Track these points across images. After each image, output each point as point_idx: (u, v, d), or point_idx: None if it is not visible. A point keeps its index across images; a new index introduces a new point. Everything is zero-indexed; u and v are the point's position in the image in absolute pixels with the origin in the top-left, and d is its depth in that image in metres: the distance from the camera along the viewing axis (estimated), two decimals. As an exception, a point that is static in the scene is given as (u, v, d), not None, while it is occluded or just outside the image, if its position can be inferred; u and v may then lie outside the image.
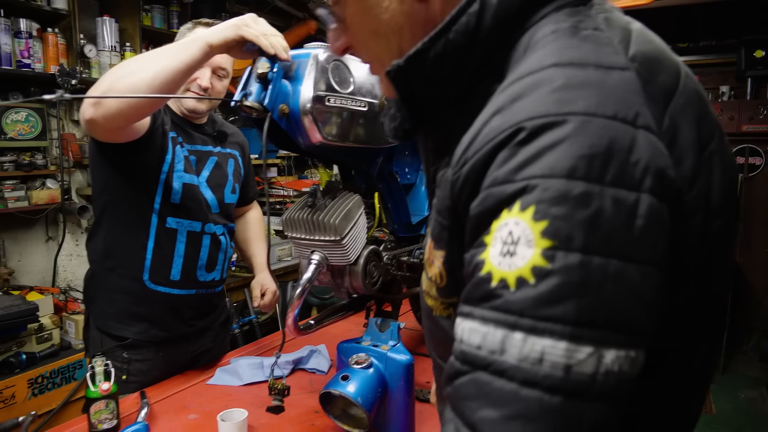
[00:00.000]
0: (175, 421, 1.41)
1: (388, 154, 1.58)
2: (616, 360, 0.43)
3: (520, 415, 0.43)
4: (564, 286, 0.43)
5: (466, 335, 0.48)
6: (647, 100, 0.48)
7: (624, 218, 0.44)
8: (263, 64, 1.12)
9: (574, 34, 0.52)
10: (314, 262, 1.34)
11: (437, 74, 0.59)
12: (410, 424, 1.37)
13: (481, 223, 0.48)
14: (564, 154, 0.44)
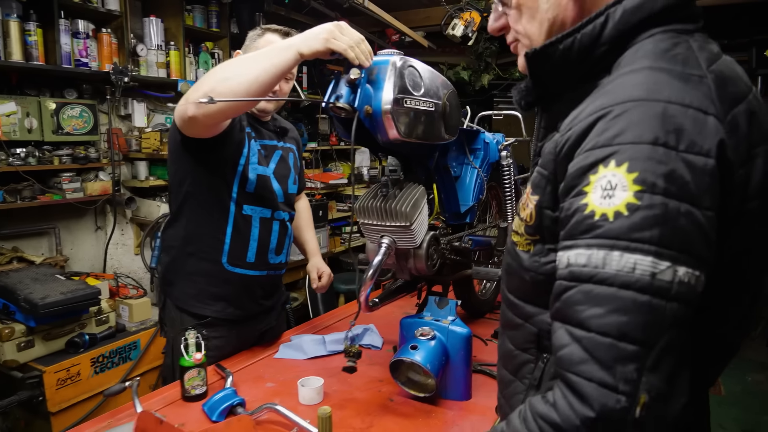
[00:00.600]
0: (256, 389, 1.57)
1: (443, 150, 1.74)
2: (686, 275, 0.61)
3: (619, 309, 0.61)
4: (650, 218, 0.61)
5: (573, 259, 0.66)
6: (717, 99, 0.66)
7: (692, 175, 0.62)
8: (355, 71, 1.28)
9: (669, 51, 0.70)
10: (384, 245, 1.51)
11: (562, 63, 0.78)
12: (468, 389, 1.54)
13: (581, 176, 0.67)
14: (649, 126, 0.63)
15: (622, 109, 0.65)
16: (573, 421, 0.63)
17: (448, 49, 4.55)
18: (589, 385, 0.62)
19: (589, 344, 0.63)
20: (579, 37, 0.75)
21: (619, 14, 0.73)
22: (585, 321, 0.63)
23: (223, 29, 3.57)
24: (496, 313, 2.28)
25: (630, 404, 0.60)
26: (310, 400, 1.48)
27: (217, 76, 1.40)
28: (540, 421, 0.67)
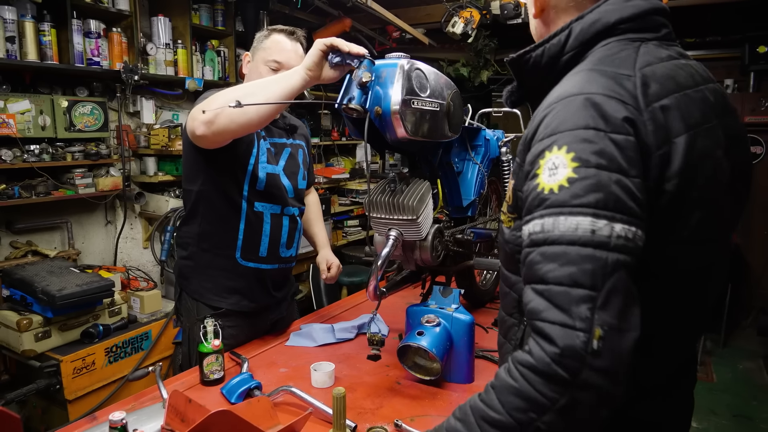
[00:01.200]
0: (270, 374, 1.66)
1: (447, 147, 1.84)
2: (622, 230, 0.74)
3: (569, 262, 0.74)
4: (586, 186, 0.75)
5: (531, 229, 0.80)
6: (640, 94, 0.80)
7: (618, 149, 0.76)
8: (366, 74, 1.37)
9: (612, 56, 0.85)
10: (392, 237, 1.60)
11: (535, 68, 0.94)
12: (471, 372, 1.63)
13: (534, 162, 0.82)
14: (581, 115, 0.78)
15: (562, 104, 0.80)
16: (544, 359, 0.74)
17: (447, 46, 4.63)
18: (552, 327, 0.74)
19: (548, 294, 0.75)
20: (548, 47, 0.91)
21: (579, 28, 0.88)
22: (543, 276, 0.76)
23: (229, 27, 3.65)
24: (496, 302, 2.37)
25: (588, 338, 0.71)
26: (323, 383, 1.57)
27: (230, 95, 1.46)
28: (519, 367, 0.77)
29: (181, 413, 1.17)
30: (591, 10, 0.89)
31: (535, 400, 0.74)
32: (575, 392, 0.72)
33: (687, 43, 4.51)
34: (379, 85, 1.45)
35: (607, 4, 0.89)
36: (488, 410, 0.79)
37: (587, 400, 0.73)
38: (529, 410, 0.75)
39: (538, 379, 0.75)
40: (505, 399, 0.78)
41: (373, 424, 1.34)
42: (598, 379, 0.72)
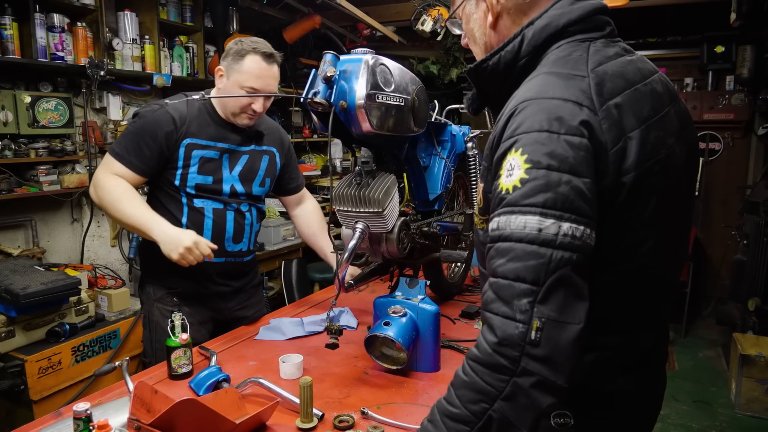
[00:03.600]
0: (239, 367, 1.68)
1: (413, 141, 1.87)
2: (569, 228, 0.78)
3: (515, 258, 0.79)
4: (536, 187, 0.79)
5: (491, 226, 0.85)
6: (594, 94, 0.84)
7: (570, 151, 0.79)
8: (331, 69, 1.39)
9: (565, 57, 0.90)
10: (359, 230, 1.63)
11: (493, 75, 0.98)
12: (437, 361, 1.67)
13: (498, 163, 0.86)
14: (537, 119, 0.82)
15: (522, 107, 0.85)
16: (487, 349, 0.80)
17: (418, 43, 4.67)
18: (495, 318, 0.80)
19: (496, 287, 0.81)
20: (503, 54, 0.95)
21: (530, 34, 0.93)
22: (495, 270, 0.82)
23: (197, 23, 3.62)
24: (464, 294, 2.42)
25: (526, 329, 0.77)
26: (291, 375, 1.59)
27: (110, 196, 1.78)
28: (469, 361, 0.83)
29: (147, 404, 1.18)
30: (540, 15, 0.93)
31: (484, 390, 0.80)
32: (517, 379, 0.77)
33: (649, 43, 4.64)
34: (344, 79, 1.47)
35: (554, 9, 0.93)
36: (449, 407, 0.84)
37: (529, 387, 0.77)
38: (480, 401, 0.80)
39: (484, 370, 0.80)
40: (460, 393, 0.83)
41: (340, 413, 1.36)
42: (538, 366, 0.76)
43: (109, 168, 1.79)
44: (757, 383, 3.18)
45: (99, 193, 1.77)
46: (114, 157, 1.80)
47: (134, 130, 1.80)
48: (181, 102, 1.83)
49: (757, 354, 3.18)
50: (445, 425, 0.84)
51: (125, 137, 1.81)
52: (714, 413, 3.32)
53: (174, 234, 1.69)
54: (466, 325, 2.05)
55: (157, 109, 1.81)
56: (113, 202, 1.75)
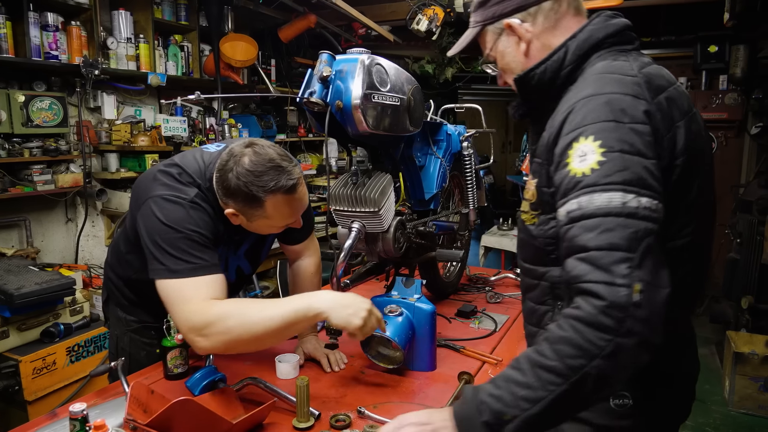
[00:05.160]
0: (235, 366, 1.67)
1: (408, 141, 1.87)
2: (648, 202, 0.87)
3: (606, 230, 0.86)
4: (614, 167, 0.88)
5: (568, 208, 0.91)
6: (645, 90, 0.96)
7: (637, 137, 0.90)
8: (327, 69, 1.39)
9: (612, 63, 1.02)
10: (355, 229, 1.63)
11: (539, 83, 1.08)
12: (433, 360, 1.67)
13: (562, 153, 0.95)
14: (602, 111, 0.92)
15: (582, 103, 0.95)
16: (592, 311, 0.85)
17: (413, 43, 4.67)
18: (597, 286, 0.85)
19: (590, 259, 0.87)
20: (549, 64, 1.06)
21: (574, 45, 1.05)
22: (585, 245, 0.88)
23: (192, 22, 3.60)
24: (460, 294, 2.43)
25: (629, 292, 0.83)
26: (287, 374, 1.59)
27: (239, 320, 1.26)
28: (570, 320, 0.88)
29: (143, 404, 1.17)
30: (581, 30, 1.06)
31: (585, 348, 0.85)
32: (620, 339, 0.83)
33: (642, 42, 4.61)
34: (340, 79, 1.47)
35: (592, 24, 1.06)
36: (542, 359, 0.89)
37: (630, 346, 0.84)
38: (579, 357, 0.85)
39: (586, 329, 0.85)
40: (558, 348, 0.87)
41: (337, 412, 1.37)
42: (640, 327, 0.83)
43: (195, 294, 1.28)
44: (751, 381, 3.20)
45: (220, 328, 1.24)
46: (189, 276, 1.28)
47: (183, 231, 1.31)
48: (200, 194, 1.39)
49: (751, 352, 3.20)
50: (535, 374, 0.88)
51: (181, 242, 1.30)
52: (708, 411, 3.34)
53: (342, 297, 1.31)
54: (461, 324, 2.06)
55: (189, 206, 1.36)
56: (246, 323, 1.25)
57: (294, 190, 1.33)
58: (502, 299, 2.33)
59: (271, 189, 1.30)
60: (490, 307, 2.25)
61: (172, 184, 1.36)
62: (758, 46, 4.24)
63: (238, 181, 1.29)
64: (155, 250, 1.30)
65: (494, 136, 2.59)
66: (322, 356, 1.68)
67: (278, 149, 1.36)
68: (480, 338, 1.90)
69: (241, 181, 1.29)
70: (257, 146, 1.32)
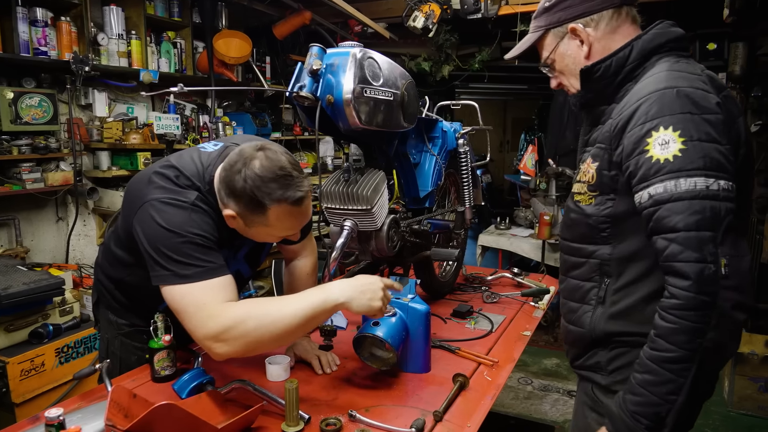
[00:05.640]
0: (224, 368, 1.63)
1: (403, 137, 1.83)
2: (725, 184, 1.00)
3: (694, 212, 0.98)
4: (696, 154, 1.00)
5: (653, 191, 1.02)
6: (711, 86, 1.07)
7: (711, 126, 1.02)
8: (317, 62, 1.35)
9: (675, 63, 1.13)
10: (347, 228, 1.59)
11: (604, 75, 1.19)
12: (427, 362, 1.63)
13: (639, 141, 1.05)
14: (678, 103, 1.03)
15: (657, 95, 1.05)
16: (684, 293, 0.97)
17: (410, 40, 4.63)
18: (688, 265, 0.97)
19: (681, 239, 0.98)
20: (615, 59, 1.17)
21: (639, 45, 1.16)
22: (674, 226, 0.99)
23: (185, 18, 3.56)
24: (456, 293, 2.39)
25: (717, 267, 0.97)
26: (278, 377, 1.55)
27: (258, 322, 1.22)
28: (671, 311, 0.99)
29: (124, 409, 1.13)
30: (645, 33, 1.18)
31: (696, 330, 0.98)
32: (722, 311, 0.98)
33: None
34: (331, 73, 1.44)
35: (656, 29, 1.18)
36: (665, 354, 1.00)
37: (734, 314, 1.01)
38: (695, 338, 0.98)
39: (689, 313, 0.97)
40: (674, 339, 0.99)
41: (327, 416, 1.32)
42: (735, 294, 1.00)
43: (208, 298, 1.23)
44: (750, 381, 3.17)
45: (239, 331, 1.20)
46: (198, 280, 1.24)
47: (186, 235, 1.26)
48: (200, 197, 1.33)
49: (750, 352, 3.16)
50: (666, 370, 1.00)
51: (186, 247, 1.25)
52: (707, 411, 3.31)
53: (356, 284, 1.30)
54: (457, 324, 2.02)
55: (189, 209, 1.30)
56: (265, 323, 1.22)
57: (300, 203, 1.27)
58: (498, 299, 2.29)
59: (278, 198, 1.23)
60: (487, 307, 2.22)
61: (170, 187, 1.30)
62: (757, 43, 4.20)
63: (245, 183, 1.23)
64: (159, 257, 1.24)
65: (491, 134, 2.55)
66: (314, 358, 1.63)
67: (290, 157, 1.30)
68: (476, 339, 1.87)
69: (248, 185, 1.23)
70: (270, 151, 1.26)
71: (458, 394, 1.47)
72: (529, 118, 8.06)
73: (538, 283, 2.46)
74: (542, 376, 3.70)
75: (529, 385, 3.59)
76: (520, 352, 1.80)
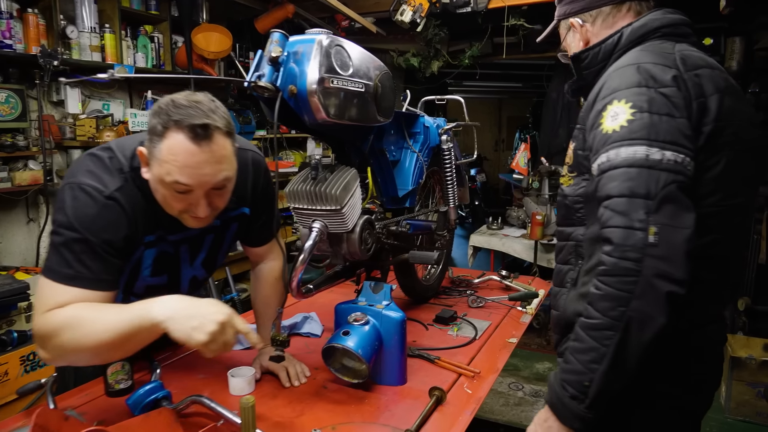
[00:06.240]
0: (186, 381, 1.52)
1: (379, 133, 1.72)
2: (672, 155, 0.96)
3: (628, 179, 0.96)
4: (641, 125, 0.98)
5: (599, 161, 1.02)
6: (680, 64, 1.04)
7: (665, 99, 1.00)
8: (276, 49, 1.24)
9: (655, 44, 1.11)
10: (315, 229, 1.48)
11: (592, 62, 1.21)
12: (402, 373, 1.52)
13: (597, 115, 1.06)
14: (635, 78, 1.03)
15: (618, 72, 1.07)
16: (611, 260, 0.96)
17: (399, 36, 4.52)
18: (616, 230, 0.96)
19: (613, 205, 0.97)
20: (604, 46, 1.19)
21: (628, 31, 1.16)
22: (609, 192, 0.98)
23: (163, 12, 3.43)
24: (440, 298, 2.28)
25: (644, 235, 0.93)
26: (241, 390, 1.44)
27: (71, 334, 1.10)
28: (599, 277, 0.98)
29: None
30: (638, 20, 1.16)
31: (619, 297, 0.95)
32: (645, 278, 0.92)
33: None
34: (295, 62, 1.32)
35: (649, 15, 1.17)
36: (590, 320, 0.99)
37: (656, 283, 0.92)
38: (618, 306, 0.95)
39: (613, 279, 0.95)
40: (598, 306, 0.98)
41: (288, 436, 1.21)
42: (660, 263, 0.92)
43: (55, 303, 1.13)
44: (748, 386, 3.06)
45: (55, 342, 1.10)
46: (63, 282, 1.14)
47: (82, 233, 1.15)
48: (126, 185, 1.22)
49: (748, 356, 3.06)
50: (590, 337, 0.98)
51: (76, 245, 1.15)
52: (703, 418, 3.20)
53: (188, 305, 1.10)
54: (439, 331, 1.91)
55: (103, 203, 1.18)
56: (78, 336, 1.09)
57: (200, 136, 1.09)
58: (484, 303, 2.18)
59: (175, 121, 1.09)
60: (472, 312, 2.11)
61: (97, 171, 1.20)
62: (755, 38, 4.10)
63: (157, 109, 1.13)
64: (51, 244, 1.19)
65: (486, 133, 2.44)
66: (281, 369, 1.52)
67: (218, 103, 1.18)
68: (458, 347, 1.76)
69: (154, 111, 1.13)
70: (196, 93, 1.17)
71: (434, 410, 1.36)
72: (523, 117, 7.96)
73: (527, 286, 2.35)
74: (534, 381, 3.59)
75: (519, 391, 3.47)
76: (505, 362, 1.69)
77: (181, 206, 1.20)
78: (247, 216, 1.49)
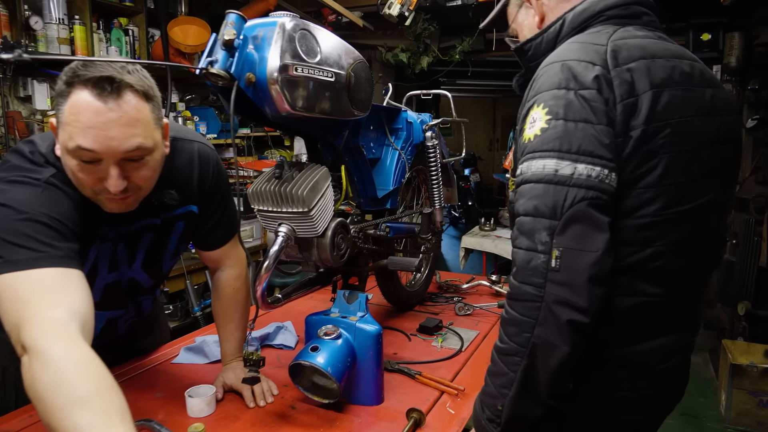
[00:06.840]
0: (142, 400, 1.38)
1: (354, 128, 1.57)
2: (585, 169, 0.87)
3: (535, 196, 0.89)
4: (554, 134, 0.89)
5: (518, 173, 0.94)
6: (609, 58, 0.92)
7: (585, 103, 0.89)
8: (230, 31, 1.09)
9: (592, 33, 1.00)
10: (281, 234, 1.33)
11: (534, 54, 1.10)
12: (379, 392, 1.39)
13: (523, 120, 0.97)
14: (556, 78, 0.92)
15: (544, 71, 0.96)
16: (514, 282, 0.91)
17: (388, 31, 4.38)
18: (520, 252, 0.90)
19: (519, 224, 0.92)
20: (546, 36, 1.08)
21: (570, 17, 1.04)
22: (518, 209, 0.92)
23: (138, 4, 3.27)
24: (426, 305, 2.15)
25: (547, 258, 0.86)
26: (199, 412, 1.30)
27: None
28: (506, 301, 0.94)
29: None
30: (581, 2, 1.04)
31: (522, 322, 0.90)
32: (546, 305, 0.87)
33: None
34: (255, 47, 1.18)
35: None
36: (500, 344, 0.95)
37: (557, 310, 0.86)
38: (522, 332, 0.90)
39: (517, 303, 0.91)
40: (505, 330, 0.93)
41: (245, 467, 1.07)
42: (561, 290, 0.86)
43: (37, 294, 0.91)
44: (749, 395, 2.94)
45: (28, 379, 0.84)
46: (30, 267, 0.93)
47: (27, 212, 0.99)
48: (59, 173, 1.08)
49: (749, 364, 2.94)
50: (501, 361, 0.94)
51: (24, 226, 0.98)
52: (703, 427, 3.08)
53: None
54: (422, 342, 1.78)
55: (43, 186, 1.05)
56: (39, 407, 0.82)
57: (106, 92, 0.96)
58: (472, 311, 2.05)
59: (79, 77, 0.97)
60: (459, 320, 1.97)
61: (21, 164, 1.06)
62: (754, 33, 3.99)
63: (67, 69, 1.00)
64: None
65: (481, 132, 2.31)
66: (246, 388, 1.38)
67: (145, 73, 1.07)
68: (441, 360, 1.62)
69: (62, 73, 1.00)
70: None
71: (411, 435, 1.22)
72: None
73: (518, 292, 2.22)
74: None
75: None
76: (491, 377, 1.55)
77: (91, 181, 1.03)
78: (196, 215, 1.35)
